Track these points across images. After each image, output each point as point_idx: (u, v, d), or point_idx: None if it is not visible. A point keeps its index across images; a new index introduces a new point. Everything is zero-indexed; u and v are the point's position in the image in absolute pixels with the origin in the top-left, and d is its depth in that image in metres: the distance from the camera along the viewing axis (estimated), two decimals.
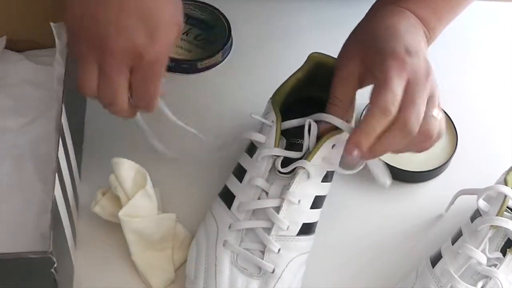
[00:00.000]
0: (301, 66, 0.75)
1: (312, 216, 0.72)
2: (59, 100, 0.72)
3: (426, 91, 0.64)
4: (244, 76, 0.88)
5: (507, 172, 0.73)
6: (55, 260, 0.59)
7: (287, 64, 0.75)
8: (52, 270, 0.59)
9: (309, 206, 0.71)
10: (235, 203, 0.71)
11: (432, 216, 0.79)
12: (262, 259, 0.69)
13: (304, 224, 0.71)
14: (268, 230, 0.70)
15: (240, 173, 0.73)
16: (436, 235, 0.76)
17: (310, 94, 0.77)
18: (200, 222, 0.74)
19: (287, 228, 0.70)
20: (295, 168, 0.70)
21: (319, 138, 0.70)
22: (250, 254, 0.69)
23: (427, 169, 0.80)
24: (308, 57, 0.75)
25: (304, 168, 0.69)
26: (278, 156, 0.71)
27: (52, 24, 0.80)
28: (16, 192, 0.76)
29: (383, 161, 0.71)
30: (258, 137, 0.72)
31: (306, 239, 0.71)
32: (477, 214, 0.71)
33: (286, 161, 0.71)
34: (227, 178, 0.75)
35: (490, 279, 0.67)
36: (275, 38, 0.79)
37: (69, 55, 0.73)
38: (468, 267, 0.68)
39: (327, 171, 0.72)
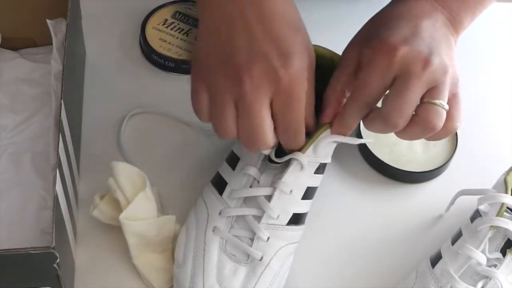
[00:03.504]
0: None
1: (302, 206, 0.72)
2: (58, 96, 0.72)
3: (421, 81, 0.62)
4: None
5: (507, 173, 0.73)
6: (57, 255, 0.59)
7: None
8: (55, 265, 0.60)
9: (301, 197, 0.71)
10: (227, 190, 0.71)
11: (432, 216, 0.78)
12: (251, 246, 0.69)
13: (294, 214, 0.71)
14: (258, 218, 0.70)
15: (233, 161, 0.73)
16: (436, 235, 0.76)
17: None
18: (191, 208, 0.74)
19: (277, 217, 0.70)
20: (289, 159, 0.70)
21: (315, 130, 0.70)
22: (239, 241, 0.70)
23: (427, 170, 0.80)
24: None
25: (297, 159, 0.69)
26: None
27: (48, 21, 0.80)
28: (15, 189, 0.76)
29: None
30: None
31: (295, 229, 0.71)
32: (477, 215, 0.71)
33: (278, 151, 0.70)
34: None
35: (490, 279, 0.67)
36: None
37: (67, 53, 0.72)
38: (468, 267, 0.68)
39: (320, 163, 0.71)
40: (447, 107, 0.64)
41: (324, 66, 0.72)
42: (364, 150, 0.81)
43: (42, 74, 0.85)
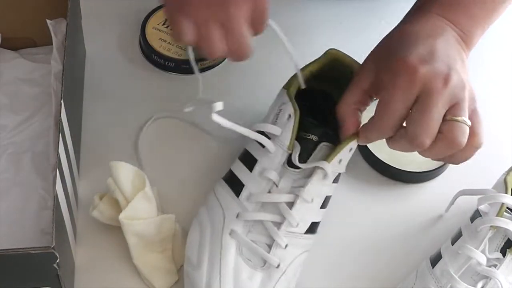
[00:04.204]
0: (317, 59, 0.75)
1: (320, 215, 0.72)
2: (58, 96, 0.73)
3: (443, 98, 0.63)
4: (244, 76, 0.88)
5: (507, 173, 0.73)
6: (57, 255, 0.59)
7: (288, 64, 0.75)
8: (55, 265, 0.60)
9: (320, 206, 0.71)
10: (244, 193, 0.71)
11: (432, 217, 0.78)
12: (269, 252, 0.69)
13: (312, 223, 0.71)
14: (278, 224, 0.70)
15: (249, 161, 0.72)
16: (436, 236, 0.76)
17: (319, 88, 0.76)
18: (202, 204, 0.73)
19: (297, 225, 0.70)
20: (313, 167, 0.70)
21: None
22: (256, 246, 0.69)
23: (427, 169, 0.80)
24: (326, 52, 0.75)
25: (322, 168, 0.69)
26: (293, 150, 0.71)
27: (48, 21, 0.80)
28: (15, 189, 0.76)
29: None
30: (274, 130, 0.71)
31: (310, 238, 0.72)
32: (477, 215, 0.71)
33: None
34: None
35: (490, 279, 0.67)
36: (275, 38, 0.80)
37: (67, 53, 0.72)
38: (468, 267, 0.68)
39: (339, 173, 0.72)
40: (469, 123, 0.65)
41: (342, 74, 0.72)
42: (364, 150, 0.81)
43: (42, 74, 0.85)
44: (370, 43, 0.90)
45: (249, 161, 0.72)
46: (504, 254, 0.68)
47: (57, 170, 0.64)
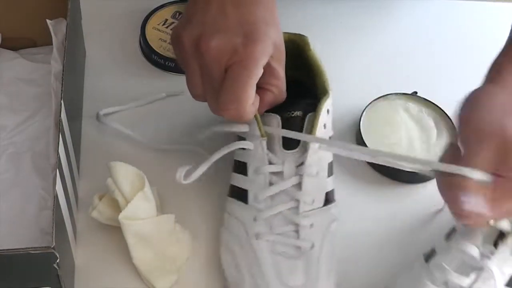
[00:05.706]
0: None
1: (330, 184, 0.73)
2: (58, 96, 0.73)
3: None
4: None
5: None
6: (57, 255, 0.59)
7: None
8: (55, 265, 0.60)
9: (326, 175, 0.72)
10: (251, 196, 0.71)
11: (432, 216, 0.78)
12: (298, 238, 0.69)
13: (326, 194, 0.72)
14: (295, 209, 0.70)
15: (241, 167, 0.73)
16: (434, 234, 0.75)
17: (292, 78, 0.76)
18: (220, 227, 0.74)
19: (313, 202, 0.70)
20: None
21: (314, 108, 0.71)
22: (285, 238, 0.69)
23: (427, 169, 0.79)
24: None
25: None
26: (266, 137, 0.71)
27: (48, 21, 0.80)
28: (15, 189, 0.76)
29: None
30: (243, 128, 0.72)
31: (332, 207, 0.72)
32: None
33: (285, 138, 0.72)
34: (224, 175, 0.75)
35: (483, 271, 0.67)
36: None
37: (67, 53, 0.72)
38: (462, 260, 0.68)
39: (329, 136, 0.73)
40: None
41: (291, 51, 0.72)
42: None
43: (42, 74, 0.85)
44: (370, 41, 0.90)
45: (241, 167, 0.73)
46: (496, 246, 0.68)
47: (57, 170, 0.64)
